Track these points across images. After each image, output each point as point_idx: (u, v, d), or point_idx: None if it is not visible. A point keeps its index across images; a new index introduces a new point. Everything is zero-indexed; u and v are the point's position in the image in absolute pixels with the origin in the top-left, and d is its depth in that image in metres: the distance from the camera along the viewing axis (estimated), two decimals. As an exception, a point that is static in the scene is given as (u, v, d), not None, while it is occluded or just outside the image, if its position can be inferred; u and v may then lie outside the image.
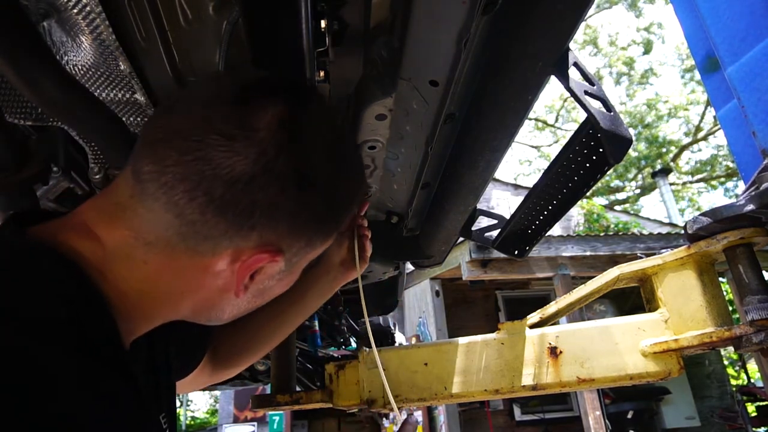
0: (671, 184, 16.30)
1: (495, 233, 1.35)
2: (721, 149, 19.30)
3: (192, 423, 17.94)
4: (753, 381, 11.06)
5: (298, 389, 1.36)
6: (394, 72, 0.79)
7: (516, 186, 9.87)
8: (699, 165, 20.50)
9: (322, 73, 0.79)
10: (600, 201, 16.23)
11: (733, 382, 10.88)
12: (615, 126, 0.77)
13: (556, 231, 8.29)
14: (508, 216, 1.24)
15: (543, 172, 1.00)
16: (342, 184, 0.61)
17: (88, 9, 0.67)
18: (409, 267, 1.74)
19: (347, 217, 0.67)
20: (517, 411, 7.70)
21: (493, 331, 1.13)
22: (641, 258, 1.05)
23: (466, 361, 1.11)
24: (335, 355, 2.23)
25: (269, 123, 0.53)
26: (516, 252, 1.31)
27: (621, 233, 6.86)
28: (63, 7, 0.68)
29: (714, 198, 21.34)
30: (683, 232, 0.98)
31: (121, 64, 0.75)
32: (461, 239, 1.50)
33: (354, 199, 0.65)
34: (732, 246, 0.93)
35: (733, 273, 0.93)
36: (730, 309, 1.00)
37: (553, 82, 0.81)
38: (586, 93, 0.78)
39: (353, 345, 2.32)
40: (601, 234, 7.39)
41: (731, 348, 0.97)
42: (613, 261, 6.06)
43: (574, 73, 0.78)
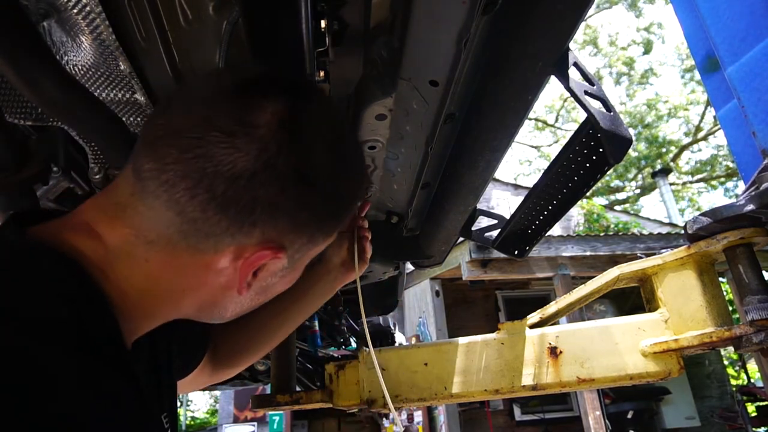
0: (671, 184, 16.30)
1: (495, 233, 1.35)
2: (721, 149, 19.31)
3: (192, 423, 17.94)
4: (753, 381, 11.06)
5: (298, 389, 1.36)
6: (394, 72, 0.79)
7: (516, 186, 9.87)
8: (699, 165, 20.52)
9: (322, 73, 0.79)
10: (600, 201, 16.23)
11: (733, 382, 10.88)
12: (615, 126, 0.77)
13: (556, 231, 8.29)
14: (508, 216, 1.24)
15: (543, 172, 1.00)
16: (343, 181, 0.61)
17: (88, 9, 0.67)
18: (409, 267, 1.74)
19: (350, 214, 0.66)
20: (517, 411, 7.70)
21: (493, 331, 1.13)
22: (641, 258, 1.05)
23: (466, 361, 1.11)
24: (335, 355, 2.23)
25: (269, 120, 0.53)
26: (516, 252, 1.31)
27: (621, 233, 6.86)
28: (63, 7, 0.68)
29: (714, 198, 21.36)
30: (683, 232, 0.98)
31: (121, 64, 0.75)
32: (461, 239, 1.50)
33: (356, 196, 0.65)
34: (732, 246, 0.93)
35: (733, 273, 0.93)
36: (730, 309, 1.00)
37: (553, 82, 0.81)
38: (586, 93, 0.78)
39: (353, 345, 2.32)
40: (601, 234, 7.39)
41: (731, 348, 0.97)
42: (613, 261, 6.06)
43: (574, 73, 0.78)
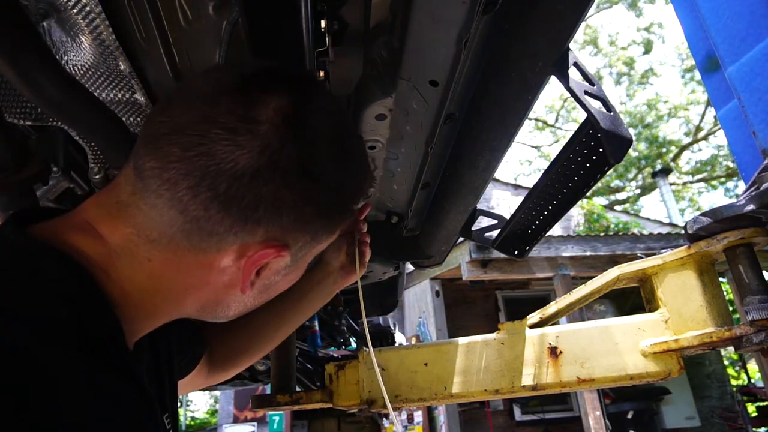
0: (671, 184, 16.30)
1: (495, 233, 1.35)
2: (722, 149, 19.31)
3: (192, 423, 17.94)
4: (753, 381, 11.06)
5: (298, 389, 1.36)
6: (394, 72, 0.79)
7: (516, 186, 9.87)
8: (699, 165, 20.51)
9: (322, 73, 0.79)
10: (600, 201, 16.24)
11: (734, 382, 10.88)
12: (615, 126, 0.77)
13: (556, 231, 8.29)
14: (508, 216, 1.24)
15: (543, 172, 1.00)
16: (346, 177, 0.60)
17: (88, 9, 0.67)
18: (409, 267, 1.74)
19: (353, 211, 0.66)
20: (517, 411, 7.70)
21: (493, 331, 1.13)
22: (641, 258, 1.05)
23: (466, 361, 1.11)
24: (335, 355, 2.23)
25: (272, 116, 0.52)
26: (516, 252, 1.31)
27: (621, 233, 6.86)
28: (63, 7, 0.68)
29: (714, 198, 21.37)
30: (683, 232, 0.98)
31: (121, 64, 0.75)
32: (461, 239, 1.50)
33: (360, 191, 0.65)
34: (732, 246, 0.93)
35: (734, 273, 0.93)
36: (730, 309, 1.00)
37: (553, 82, 0.81)
38: (586, 93, 0.78)
39: (353, 345, 2.32)
40: (601, 234, 7.39)
41: (731, 348, 0.97)
42: (613, 261, 6.06)
43: (574, 73, 0.78)
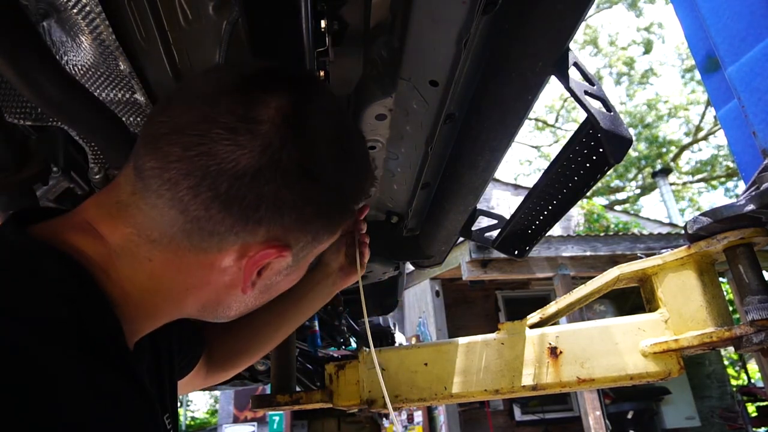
0: (671, 184, 16.30)
1: (495, 233, 1.35)
2: (722, 149, 19.31)
3: (192, 423, 17.94)
4: (753, 381, 11.07)
5: (298, 389, 1.36)
6: (394, 72, 0.79)
7: (516, 186, 9.87)
8: (699, 165, 20.52)
9: (322, 73, 0.79)
10: (600, 201, 16.24)
11: (734, 382, 10.89)
12: (615, 126, 0.77)
13: (556, 231, 8.29)
14: (508, 216, 1.24)
15: (543, 172, 1.00)
16: (346, 177, 0.60)
17: (88, 9, 0.67)
18: (409, 267, 1.74)
19: (355, 211, 0.66)
20: (517, 411, 7.70)
21: (493, 331, 1.13)
22: (641, 258, 1.05)
23: (466, 361, 1.11)
24: (335, 355, 2.23)
25: (272, 116, 0.52)
26: (516, 252, 1.31)
27: (621, 233, 6.86)
28: (63, 7, 0.68)
29: (714, 198, 21.37)
30: (683, 232, 0.98)
31: (121, 64, 0.75)
32: (461, 239, 1.50)
33: (361, 191, 0.65)
34: (732, 246, 0.93)
35: (734, 273, 0.93)
36: (730, 309, 0.99)
37: (553, 82, 0.81)
38: (586, 93, 0.78)
39: (353, 345, 2.32)
40: (601, 234, 7.38)
41: (731, 348, 0.97)
42: (613, 261, 6.06)
43: (574, 73, 0.77)
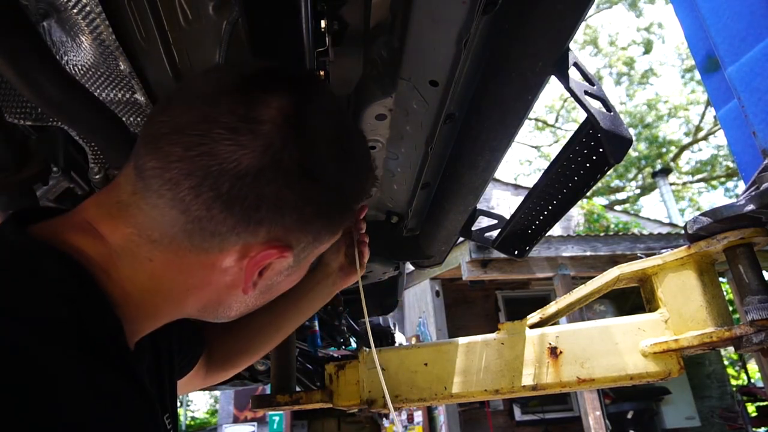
0: (671, 184, 16.31)
1: (495, 233, 1.35)
2: (722, 149, 19.31)
3: (192, 423, 17.95)
4: (753, 381, 11.07)
5: (298, 389, 1.36)
6: (394, 72, 0.79)
7: (516, 186, 9.87)
8: (699, 165, 20.52)
9: (322, 73, 0.79)
10: (600, 201, 16.25)
11: (734, 382, 10.89)
12: (615, 126, 0.77)
13: (556, 231, 8.29)
14: (508, 216, 1.24)
15: (543, 172, 1.00)
16: (347, 177, 0.60)
17: (88, 9, 0.67)
18: (409, 267, 1.74)
19: (356, 211, 0.66)
20: (517, 411, 7.70)
21: (493, 331, 1.13)
22: (641, 258, 1.05)
23: (466, 361, 1.11)
24: (335, 355, 2.23)
25: (274, 116, 0.52)
26: (516, 252, 1.31)
27: (621, 233, 6.86)
28: (63, 7, 0.68)
29: (714, 198, 21.37)
30: (683, 232, 0.98)
31: (121, 64, 0.75)
32: (461, 239, 1.50)
33: (362, 191, 0.65)
34: (732, 246, 0.93)
35: (734, 273, 0.93)
36: (730, 309, 0.99)
37: (553, 82, 0.81)
38: (586, 93, 0.78)
39: (353, 345, 2.32)
40: (601, 234, 7.39)
41: (731, 348, 0.97)
42: (613, 261, 6.06)
43: (574, 73, 0.77)
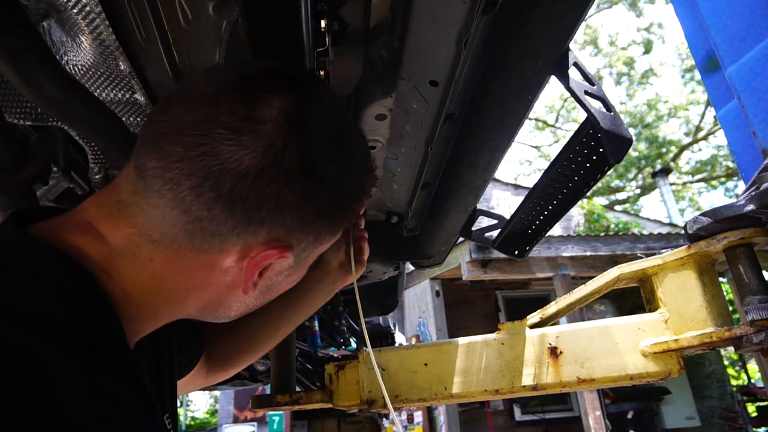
0: (671, 184, 16.31)
1: (495, 233, 1.35)
2: (722, 149, 19.32)
3: (192, 423, 17.95)
4: (753, 381, 11.07)
5: (298, 389, 1.36)
6: (394, 72, 0.79)
7: (516, 186, 9.87)
8: (699, 165, 20.52)
9: (322, 73, 0.79)
10: (600, 201, 16.25)
11: (734, 382, 10.89)
12: (615, 126, 0.77)
13: (556, 231, 8.29)
14: (508, 216, 1.24)
15: (543, 172, 1.00)
16: (347, 177, 0.60)
17: (88, 9, 0.67)
18: (409, 267, 1.74)
19: (356, 211, 0.66)
20: (517, 411, 7.70)
21: (493, 331, 1.13)
22: (641, 258, 1.05)
23: (466, 362, 1.11)
24: (335, 355, 2.23)
25: (275, 116, 0.52)
26: (516, 252, 1.31)
27: (621, 233, 6.86)
28: (63, 7, 0.68)
29: (714, 198, 21.38)
30: (683, 232, 0.98)
31: (121, 64, 0.75)
32: (461, 239, 1.50)
33: (362, 191, 0.65)
34: (732, 246, 0.93)
35: (734, 273, 0.93)
36: (730, 309, 0.99)
37: (553, 82, 0.81)
38: (586, 93, 0.78)
39: (353, 345, 2.32)
40: (601, 234, 7.39)
41: (731, 348, 0.97)
42: (613, 261, 6.06)
43: (574, 73, 0.77)
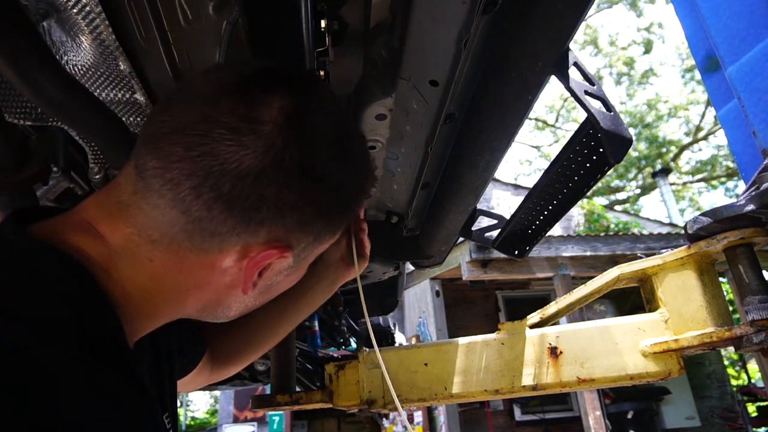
0: (671, 184, 16.31)
1: (495, 233, 1.35)
2: (722, 149, 19.32)
3: (192, 423, 17.95)
4: (753, 381, 11.07)
5: (298, 389, 1.36)
6: (394, 72, 0.79)
7: (516, 186, 9.87)
8: (699, 165, 20.53)
9: (322, 73, 0.79)
10: (600, 201, 16.25)
11: (734, 382, 10.89)
12: (615, 126, 0.77)
13: (556, 231, 8.29)
14: (508, 216, 1.24)
15: (543, 172, 1.00)
16: (346, 177, 0.60)
17: (87, 9, 0.67)
18: (409, 267, 1.74)
19: (355, 211, 0.66)
20: (517, 411, 7.70)
21: (493, 331, 1.13)
22: (641, 258, 1.05)
23: (466, 362, 1.11)
24: (335, 355, 2.23)
25: (275, 116, 0.52)
26: (516, 252, 1.31)
27: (621, 233, 6.86)
28: (63, 7, 0.68)
29: (714, 198, 21.39)
30: (683, 232, 0.98)
31: (121, 64, 0.75)
32: (461, 239, 1.50)
33: (362, 191, 0.65)
34: (732, 246, 0.93)
35: (734, 273, 0.93)
36: (730, 309, 0.99)
37: (553, 82, 0.81)
38: (586, 93, 0.78)
39: (353, 345, 2.33)
40: (602, 234, 7.39)
41: (731, 348, 0.97)
42: (613, 261, 6.06)
43: (574, 73, 0.77)
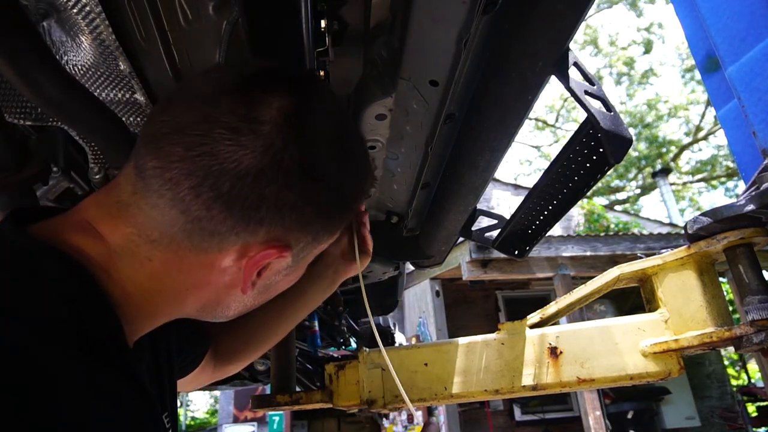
0: (671, 184, 16.31)
1: (495, 233, 1.35)
2: (722, 149, 19.32)
3: (192, 423, 17.95)
4: (753, 381, 11.07)
5: (298, 389, 1.36)
6: (394, 72, 0.79)
7: (516, 186, 9.87)
8: (699, 165, 20.53)
9: (322, 73, 0.79)
10: (600, 201, 16.25)
11: (734, 382, 10.89)
12: (615, 126, 0.77)
13: (556, 231, 8.29)
14: (508, 216, 1.24)
15: (543, 172, 1.00)
16: (346, 177, 0.60)
17: (87, 9, 0.67)
18: (409, 267, 1.74)
19: (355, 211, 0.66)
20: (517, 411, 7.70)
21: (493, 331, 1.13)
22: (641, 258, 1.05)
23: (466, 362, 1.11)
24: (335, 355, 2.23)
25: (275, 116, 0.52)
26: (516, 252, 1.31)
27: (621, 233, 6.86)
28: (63, 7, 0.68)
29: (714, 198, 21.39)
30: (683, 232, 0.98)
31: (121, 64, 0.75)
32: (461, 239, 1.50)
33: (361, 191, 0.65)
34: (732, 246, 0.93)
35: (734, 273, 0.93)
36: (730, 309, 0.99)
37: (553, 82, 0.81)
38: (586, 93, 0.78)
39: (353, 345, 2.33)
40: (602, 234, 7.39)
41: (731, 348, 0.97)
42: (613, 261, 6.06)
43: (574, 73, 0.77)
